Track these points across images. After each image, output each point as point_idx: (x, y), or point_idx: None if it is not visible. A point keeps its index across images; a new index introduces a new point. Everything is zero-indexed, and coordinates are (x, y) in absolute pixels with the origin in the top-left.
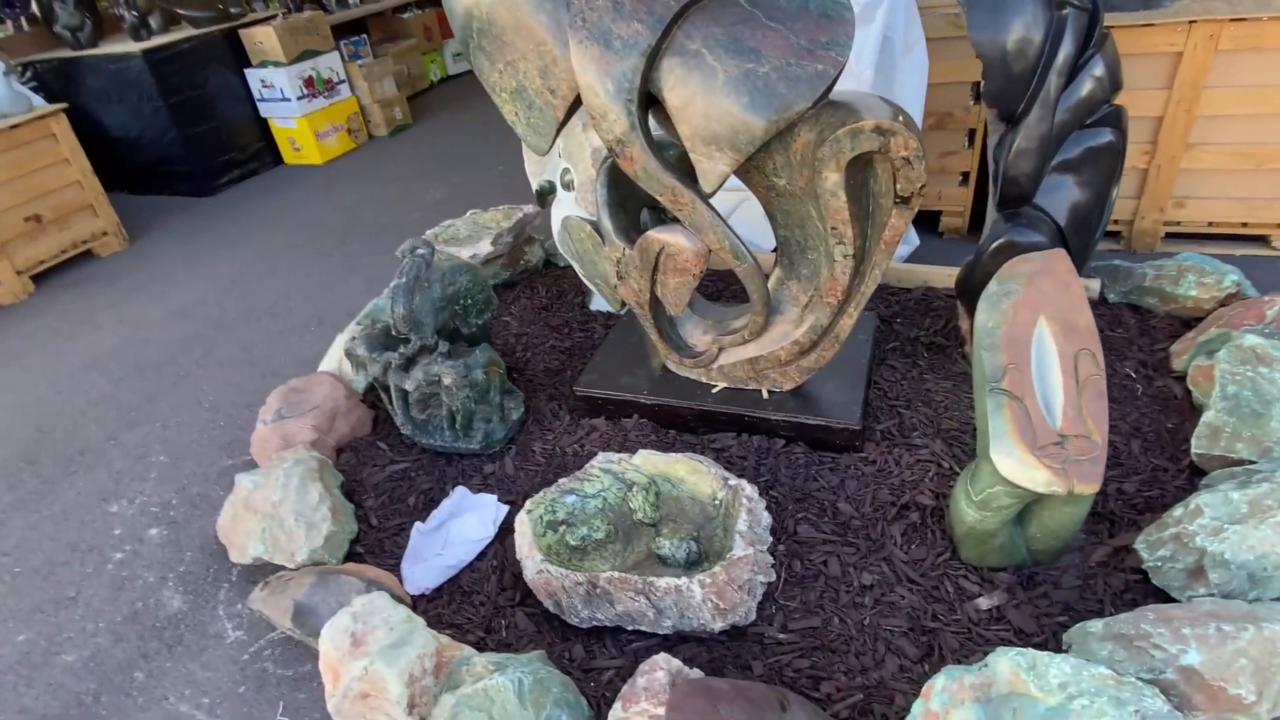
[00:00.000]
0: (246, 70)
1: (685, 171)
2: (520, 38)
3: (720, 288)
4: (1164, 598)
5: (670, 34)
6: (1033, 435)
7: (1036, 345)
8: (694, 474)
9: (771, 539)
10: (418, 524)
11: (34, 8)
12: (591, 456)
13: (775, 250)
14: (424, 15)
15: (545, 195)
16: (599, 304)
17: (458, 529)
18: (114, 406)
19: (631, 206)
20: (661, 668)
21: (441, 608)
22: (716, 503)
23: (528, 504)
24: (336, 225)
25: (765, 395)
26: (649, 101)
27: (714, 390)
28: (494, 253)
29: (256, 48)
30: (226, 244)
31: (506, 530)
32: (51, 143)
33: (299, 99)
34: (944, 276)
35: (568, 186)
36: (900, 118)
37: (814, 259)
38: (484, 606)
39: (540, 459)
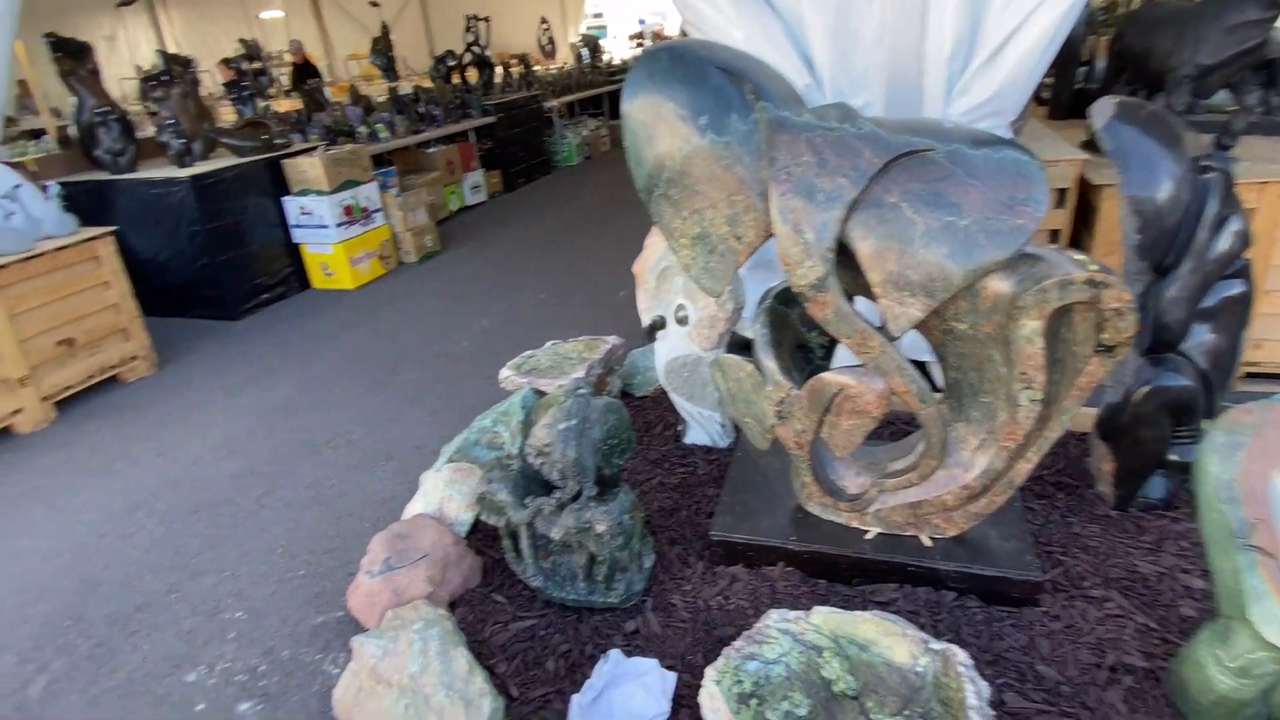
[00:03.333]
0: (284, 198)
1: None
2: (713, 187)
3: None
4: None
5: (867, 188)
6: None
7: (1273, 499)
8: (886, 635)
9: (993, 712)
10: (575, 697)
11: (71, 130)
12: (738, 610)
13: (942, 392)
14: (446, 150)
15: (656, 329)
16: (695, 436)
17: (622, 702)
18: (169, 553)
19: (786, 347)
20: None
21: None
22: (919, 670)
23: (711, 672)
24: (384, 353)
25: (928, 542)
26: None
27: (867, 536)
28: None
29: (300, 176)
30: (265, 371)
31: (679, 702)
32: (94, 265)
33: (338, 226)
34: None
35: (681, 322)
36: (1098, 268)
37: (989, 402)
38: None
39: (684, 614)
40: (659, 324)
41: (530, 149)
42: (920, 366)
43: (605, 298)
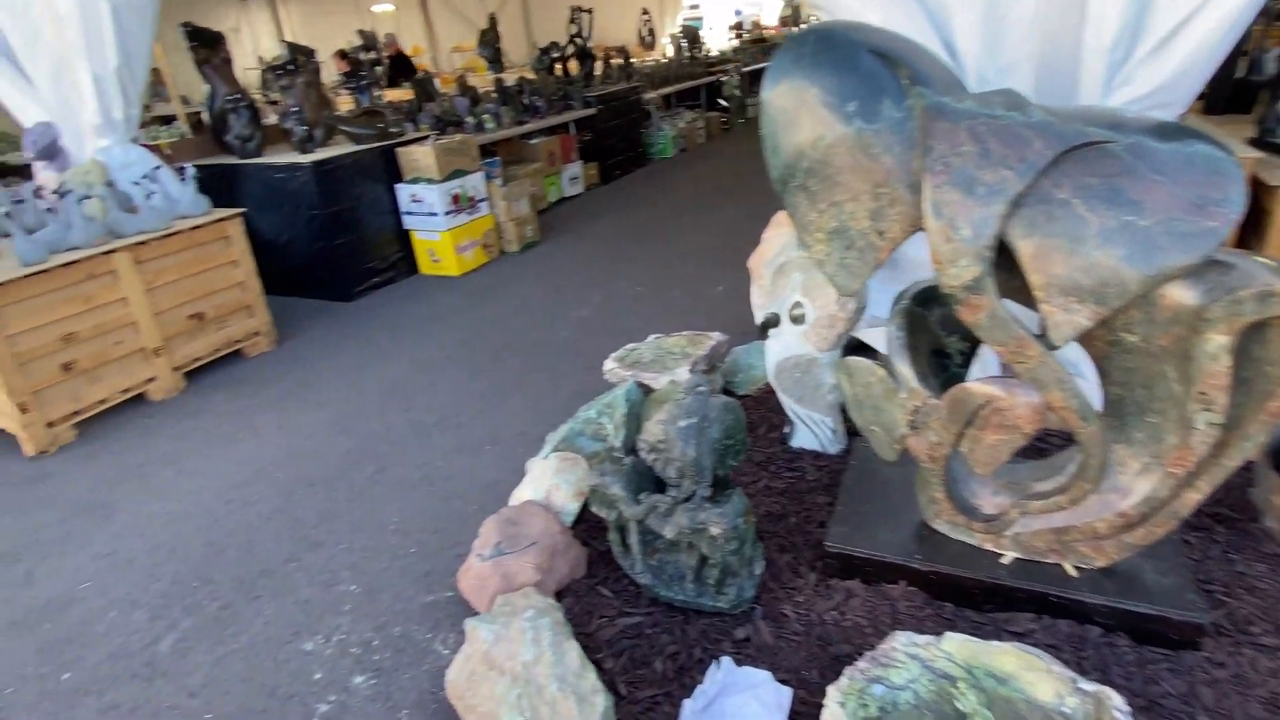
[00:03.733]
0: (397, 185)
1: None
2: (857, 178)
3: None
4: None
5: (1035, 182)
6: None
7: None
8: (1029, 670)
9: None
10: (686, 701)
11: (204, 116)
12: (856, 628)
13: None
14: (548, 142)
15: (769, 327)
16: (803, 440)
17: (735, 712)
18: (289, 524)
19: (923, 351)
20: None
21: None
22: (1066, 711)
23: (834, 693)
24: (488, 339)
25: (1073, 572)
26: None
27: (1002, 560)
28: None
29: (412, 164)
30: (377, 353)
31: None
32: (224, 245)
33: (446, 214)
34: None
35: (796, 321)
36: None
37: (1156, 423)
38: None
39: (798, 626)
40: (772, 321)
41: (627, 141)
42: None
43: (702, 291)
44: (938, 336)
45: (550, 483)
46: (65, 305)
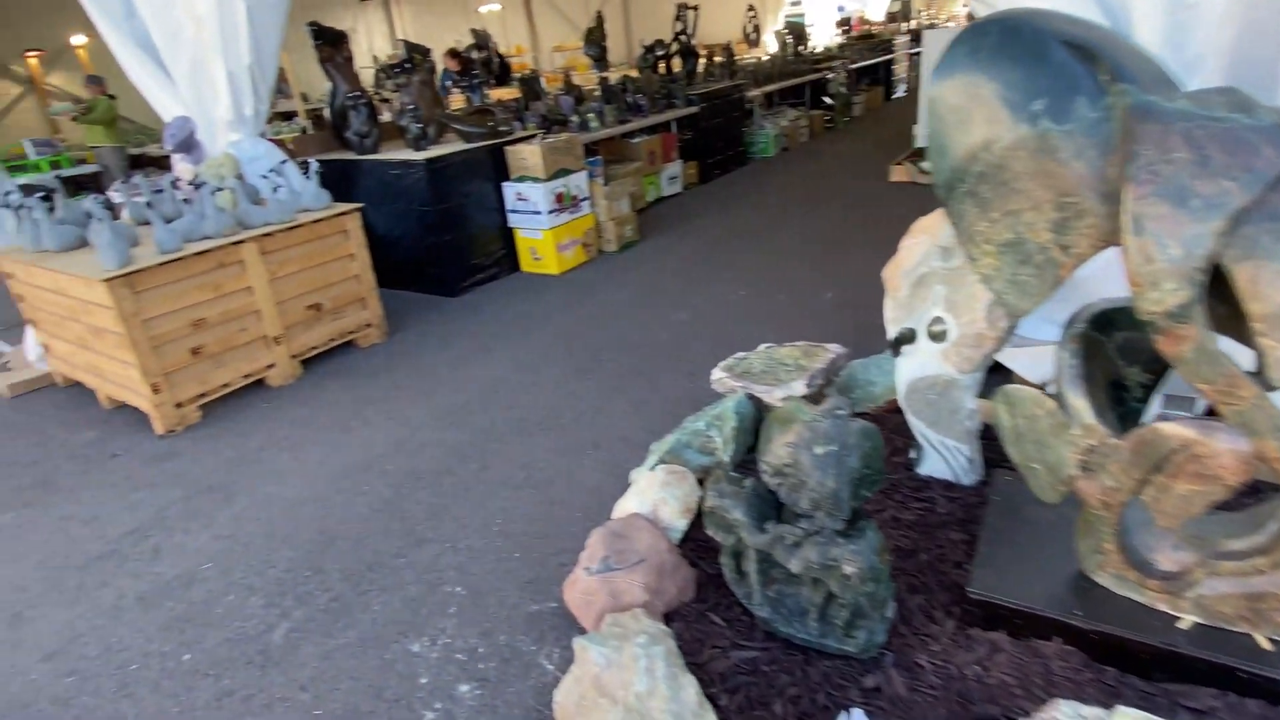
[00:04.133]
0: (503, 183)
1: None
2: (1039, 186)
3: None
4: None
5: (1263, 196)
6: None
7: None
8: None
9: None
10: None
11: (325, 112)
12: (1002, 687)
13: None
14: (650, 140)
15: (903, 343)
16: (932, 468)
17: None
18: (397, 517)
19: (1099, 383)
20: None
21: None
22: None
23: None
24: (588, 339)
25: (1267, 645)
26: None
27: (1180, 624)
28: (807, 396)
29: (519, 163)
30: (481, 348)
31: None
32: (342, 238)
33: (550, 212)
34: None
35: (936, 338)
36: None
37: None
38: None
39: (934, 679)
40: (907, 337)
41: (728, 140)
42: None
43: (809, 298)
44: (1116, 366)
45: (657, 496)
46: (196, 292)
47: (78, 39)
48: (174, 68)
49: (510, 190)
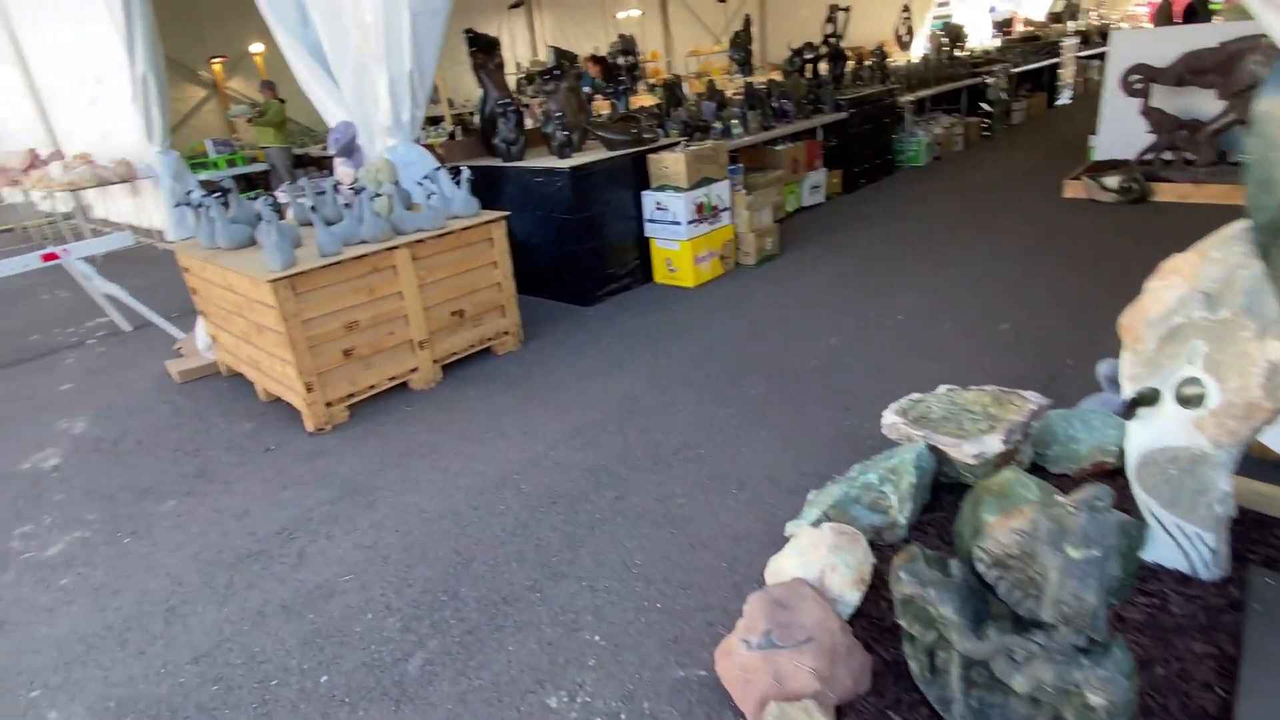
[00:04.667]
0: (643, 192)
1: None
2: None
3: None
4: None
5: None
6: None
7: None
8: None
9: None
10: None
11: (475, 119)
12: None
13: None
14: (794, 148)
15: (1142, 404)
16: (1160, 555)
17: None
18: (533, 544)
19: None
20: None
21: None
22: None
23: None
24: (725, 360)
25: None
26: None
27: None
28: (1003, 454)
29: (661, 171)
30: (615, 362)
31: None
32: (487, 246)
33: (689, 223)
34: None
35: (1187, 402)
36: None
37: None
38: None
39: None
40: (1149, 398)
41: (875, 147)
42: None
43: (981, 328)
44: None
45: (825, 561)
46: (351, 295)
47: (255, 47)
48: (339, 73)
49: (650, 199)
